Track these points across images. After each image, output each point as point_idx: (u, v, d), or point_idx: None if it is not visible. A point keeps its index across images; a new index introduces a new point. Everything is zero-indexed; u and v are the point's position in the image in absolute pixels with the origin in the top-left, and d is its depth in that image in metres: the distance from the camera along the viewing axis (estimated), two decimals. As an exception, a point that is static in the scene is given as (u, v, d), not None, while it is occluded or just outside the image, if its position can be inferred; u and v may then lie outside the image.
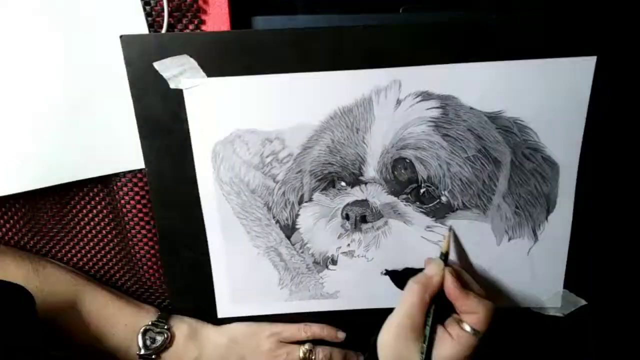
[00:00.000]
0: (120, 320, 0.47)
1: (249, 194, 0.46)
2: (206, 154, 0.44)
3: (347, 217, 0.47)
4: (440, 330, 0.42)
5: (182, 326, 0.48)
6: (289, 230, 0.47)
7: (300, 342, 0.50)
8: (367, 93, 0.42)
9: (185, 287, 0.50)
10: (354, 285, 0.49)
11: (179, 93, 0.42)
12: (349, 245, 0.48)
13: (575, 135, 0.43)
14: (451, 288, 0.42)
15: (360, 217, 0.47)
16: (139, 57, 0.41)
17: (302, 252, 0.48)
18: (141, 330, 0.46)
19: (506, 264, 0.47)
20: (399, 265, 0.48)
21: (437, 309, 0.42)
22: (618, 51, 0.40)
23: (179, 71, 0.41)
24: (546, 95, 0.41)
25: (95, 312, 0.47)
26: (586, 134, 0.42)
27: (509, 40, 0.40)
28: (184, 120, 0.43)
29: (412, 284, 0.43)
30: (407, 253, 0.48)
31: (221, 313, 0.50)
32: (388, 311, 0.49)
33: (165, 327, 0.47)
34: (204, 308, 0.50)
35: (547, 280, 0.48)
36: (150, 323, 0.47)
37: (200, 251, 0.48)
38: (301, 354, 0.49)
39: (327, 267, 0.49)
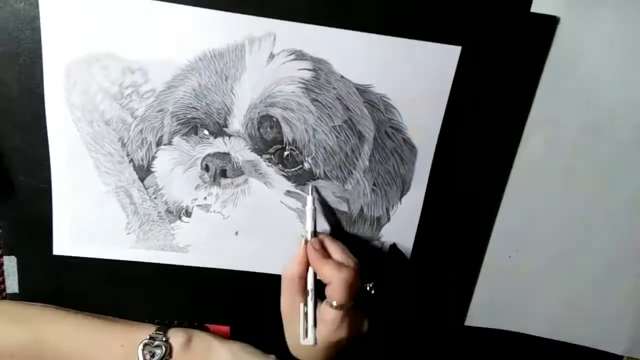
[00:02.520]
0: (114, 342, 0.46)
1: (103, 125, 0.43)
2: (58, 72, 0.41)
3: (206, 169, 0.45)
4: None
5: (179, 336, 0.46)
6: (143, 172, 0.45)
7: None
8: (240, 40, 0.41)
9: (21, 216, 0.45)
10: (206, 242, 0.48)
11: (32, -2, 0.38)
12: (205, 198, 0.46)
13: (435, 122, 0.44)
14: (310, 259, 0.42)
15: (221, 171, 0.45)
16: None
17: (154, 198, 0.46)
18: (140, 345, 0.45)
19: (358, 240, 0.48)
20: (253, 226, 0.47)
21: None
22: (481, 46, 0.42)
23: (35, -28, 0.37)
24: (413, 76, 0.43)
25: (84, 341, 0.45)
26: (445, 121, 0.44)
27: (382, 14, 0.41)
28: (37, 30, 0.39)
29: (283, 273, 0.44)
30: (264, 216, 0.47)
31: (57, 250, 0.47)
32: (237, 274, 0.49)
33: (163, 339, 0.45)
34: (39, 243, 0.46)
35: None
36: (148, 337, 0.45)
37: (41, 179, 0.44)
38: None
39: (180, 218, 0.47)
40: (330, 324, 0.41)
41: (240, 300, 0.50)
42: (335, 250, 0.43)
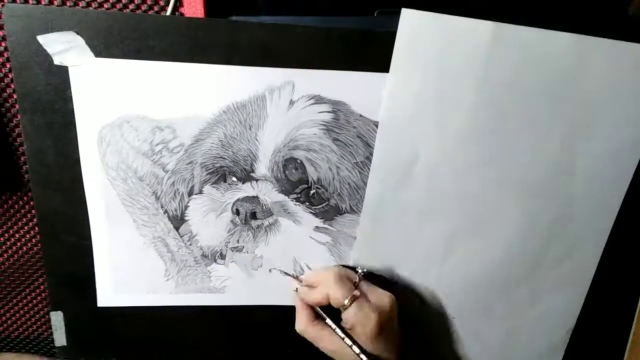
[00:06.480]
0: None
1: (137, 181, 0.45)
2: (91, 136, 0.43)
3: (237, 212, 0.47)
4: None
5: None
6: (178, 221, 0.47)
7: None
8: (260, 91, 0.43)
9: (65, 273, 0.48)
10: (241, 281, 0.49)
11: (64, 70, 0.40)
12: (238, 240, 0.48)
13: (454, 150, 0.46)
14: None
15: (251, 214, 0.47)
16: (23, 29, 0.39)
17: (190, 245, 0.48)
18: None
19: (388, 268, 0.50)
20: (286, 263, 0.49)
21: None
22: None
23: (65, 48, 0.39)
24: (429, 110, 0.44)
25: None
26: (464, 149, 0.45)
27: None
28: (69, 99, 0.41)
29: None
30: (295, 252, 0.48)
31: (102, 302, 0.49)
32: (274, 309, 0.51)
33: None
34: (84, 296, 0.48)
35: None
36: None
37: (82, 236, 0.46)
38: None
39: (215, 261, 0.49)
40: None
41: (276, 335, 0.52)
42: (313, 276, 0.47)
